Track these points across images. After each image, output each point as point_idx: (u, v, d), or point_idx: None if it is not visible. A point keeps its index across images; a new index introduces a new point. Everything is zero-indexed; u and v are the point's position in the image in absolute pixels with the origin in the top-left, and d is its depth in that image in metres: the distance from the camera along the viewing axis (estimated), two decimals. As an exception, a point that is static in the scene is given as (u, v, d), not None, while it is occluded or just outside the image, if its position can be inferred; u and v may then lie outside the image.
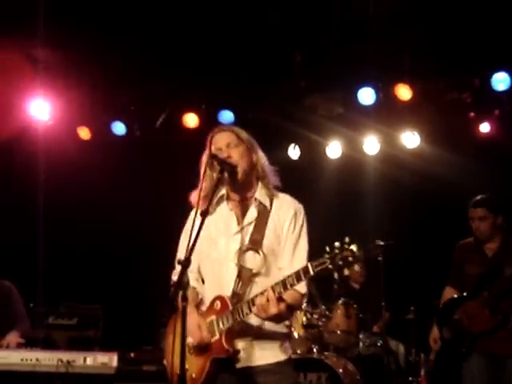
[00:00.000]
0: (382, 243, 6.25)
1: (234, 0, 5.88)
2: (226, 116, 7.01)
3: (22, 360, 4.56)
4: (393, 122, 7.03)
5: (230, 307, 3.04)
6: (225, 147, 3.21)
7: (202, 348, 3.08)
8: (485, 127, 6.85)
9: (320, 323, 6.18)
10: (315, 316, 6.19)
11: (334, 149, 7.50)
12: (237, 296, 3.08)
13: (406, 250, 6.70)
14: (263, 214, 3.20)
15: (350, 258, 2.77)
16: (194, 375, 3.04)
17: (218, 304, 3.09)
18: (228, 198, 3.27)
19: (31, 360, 4.55)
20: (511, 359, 4.55)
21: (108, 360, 4.71)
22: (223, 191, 3.26)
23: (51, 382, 4.74)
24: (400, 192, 7.20)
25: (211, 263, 3.20)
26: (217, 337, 3.05)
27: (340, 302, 6.32)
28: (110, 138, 7.37)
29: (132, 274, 7.56)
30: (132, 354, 6.18)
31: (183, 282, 2.78)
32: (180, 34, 6.33)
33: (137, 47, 6.49)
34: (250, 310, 2.98)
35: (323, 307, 6.25)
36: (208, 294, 3.22)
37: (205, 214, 3.00)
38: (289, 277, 2.91)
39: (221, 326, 3.05)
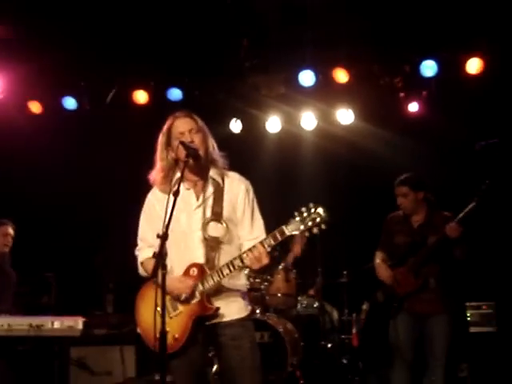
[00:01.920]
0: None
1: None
2: (175, 93, 7.30)
3: (-6, 326, 4.86)
4: (329, 100, 7.45)
5: (208, 271, 3.50)
6: (187, 132, 3.62)
7: (182, 304, 3.52)
8: (413, 107, 7.30)
9: (262, 287, 6.70)
10: (258, 280, 6.71)
11: (273, 123, 7.87)
12: (209, 262, 3.55)
13: (340, 219, 7.19)
14: (218, 190, 3.66)
15: (318, 219, 3.30)
16: (176, 336, 3.49)
17: (194, 270, 3.54)
18: (183, 180, 3.63)
19: (3, 325, 4.86)
20: (431, 317, 5.14)
21: (73, 323, 5.06)
22: (178, 174, 3.63)
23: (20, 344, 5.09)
24: (335, 165, 7.70)
25: (175, 237, 3.54)
26: (198, 298, 3.51)
27: (280, 267, 6.80)
28: (61, 113, 7.52)
29: (79, 243, 7.86)
30: (84, 319, 6.54)
31: (163, 253, 3.22)
32: (132, 14, 6.52)
33: (88, 23, 6.64)
34: (230, 271, 3.47)
35: (265, 272, 6.77)
36: (175, 263, 3.61)
37: (177, 194, 3.42)
38: (267, 238, 3.43)
39: (200, 288, 3.50)
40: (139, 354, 6.68)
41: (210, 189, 3.67)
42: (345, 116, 7.55)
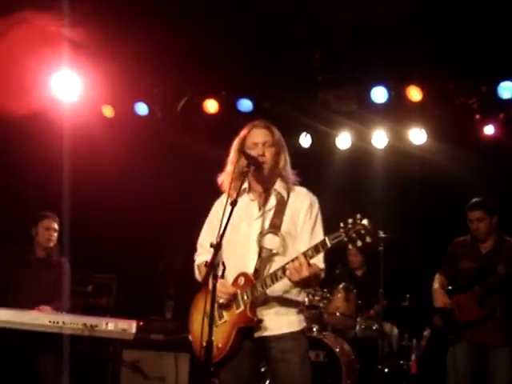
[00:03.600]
0: (383, 235, 6.64)
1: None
2: (245, 104, 7.32)
3: (49, 322, 4.93)
4: (402, 119, 7.31)
5: (254, 281, 3.45)
6: (261, 144, 3.60)
7: (228, 313, 3.49)
8: (489, 129, 7.11)
9: (321, 305, 6.60)
10: (317, 298, 6.61)
11: (343, 140, 7.78)
12: (258, 272, 3.50)
13: (406, 240, 7.04)
14: (281, 203, 3.62)
15: (363, 231, 3.18)
16: (219, 345, 3.46)
17: (241, 280, 3.51)
18: (249, 190, 3.67)
19: (58, 322, 4.93)
20: (494, 349, 4.96)
21: (127, 327, 5.08)
22: (245, 184, 3.66)
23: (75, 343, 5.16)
24: (406, 183, 7.52)
25: (233, 246, 3.59)
26: (241, 308, 3.47)
27: (341, 286, 6.70)
28: (133, 118, 7.63)
29: (143, 248, 7.95)
30: (141, 323, 6.58)
31: (215, 263, 3.20)
32: (206, 24, 6.56)
33: (163, 33, 6.76)
34: (273, 282, 3.40)
35: (325, 290, 6.65)
36: (229, 272, 3.61)
37: (234, 204, 3.41)
38: (308, 250, 3.34)
39: (245, 298, 3.46)
40: (193, 362, 6.68)
41: (273, 201, 3.64)
42: (417, 136, 7.39)
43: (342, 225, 3.23)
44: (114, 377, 5.78)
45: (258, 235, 3.55)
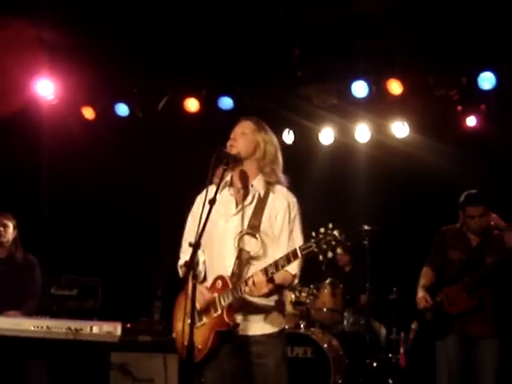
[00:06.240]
0: (367, 228, 6.66)
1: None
2: (226, 102, 7.27)
3: (33, 327, 4.87)
4: (384, 112, 7.28)
5: (230, 286, 3.41)
6: (238, 134, 3.58)
7: (207, 315, 3.46)
8: (471, 121, 7.09)
9: (308, 301, 6.57)
10: (303, 294, 6.59)
11: (326, 135, 7.74)
12: (235, 276, 3.46)
13: (391, 233, 7.03)
14: (260, 202, 3.55)
15: (333, 242, 3.12)
16: (199, 346, 3.44)
17: (219, 283, 3.47)
18: (231, 185, 3.62)
19: (42, 327, 4.88)
20: (481, 340, 4.96)
21: (112, 329, 5.05)
22: (228, 177, 3.60)
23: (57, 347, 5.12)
24: (388, 178, 7.50)
25: (212, 243, 3.55)
26: (219, 312, 3.44)
27: (327, 281, 6.68)
28: (114, 119, 7.59)
29: (129, 249, 7.91)
30: (128, 325, 6.53)
31: (193, 263, 3.18)
32: (185, 22, 6.56)
33: (142, 31, 6.73)
34: (242, 291, 3.37)
35: (311, 286, 6.64)
36: (209, 271, 3.59)
37: (212, 202, 3.36)
38: (280, 259, 3.29)
39: (222, 302, 3.43)
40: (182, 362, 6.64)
41: (249, 198, 3.57)
42: (400, 129, 7.37)
43: (313, 234, 3.17)
44: (103, 380, 5.75)
45: (237, 236, 3.48)
